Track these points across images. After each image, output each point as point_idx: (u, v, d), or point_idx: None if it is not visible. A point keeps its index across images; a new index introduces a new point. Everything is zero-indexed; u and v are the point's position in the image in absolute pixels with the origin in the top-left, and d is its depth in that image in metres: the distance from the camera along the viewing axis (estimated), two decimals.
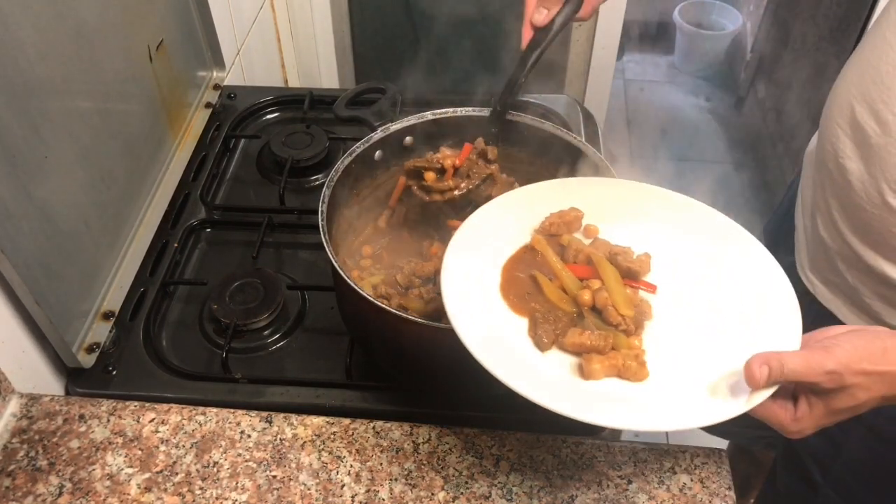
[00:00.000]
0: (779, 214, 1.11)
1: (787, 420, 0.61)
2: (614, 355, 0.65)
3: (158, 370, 0.88)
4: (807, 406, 0.61)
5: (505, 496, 0.75)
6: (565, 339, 0.66)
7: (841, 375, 0.58)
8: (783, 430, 0.62)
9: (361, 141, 0.90)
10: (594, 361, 0.64)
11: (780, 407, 0.62)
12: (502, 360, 0.63)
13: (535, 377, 0.64)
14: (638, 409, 0.63)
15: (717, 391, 0.63)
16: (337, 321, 0.92)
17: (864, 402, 0.59)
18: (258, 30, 1.52)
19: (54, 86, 0.82)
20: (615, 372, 0.65)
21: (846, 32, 1.94)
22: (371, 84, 0.99)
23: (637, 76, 3.07)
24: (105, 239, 0.94)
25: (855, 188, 0.79)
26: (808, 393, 0.61)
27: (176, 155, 1.12)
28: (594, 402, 0.63)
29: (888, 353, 0.59)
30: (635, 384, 0.65)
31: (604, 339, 0.66)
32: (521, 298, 0.71)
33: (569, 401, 0.61)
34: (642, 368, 0.65)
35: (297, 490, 0.75)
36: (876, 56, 0.76)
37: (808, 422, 0.61)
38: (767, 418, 0.62)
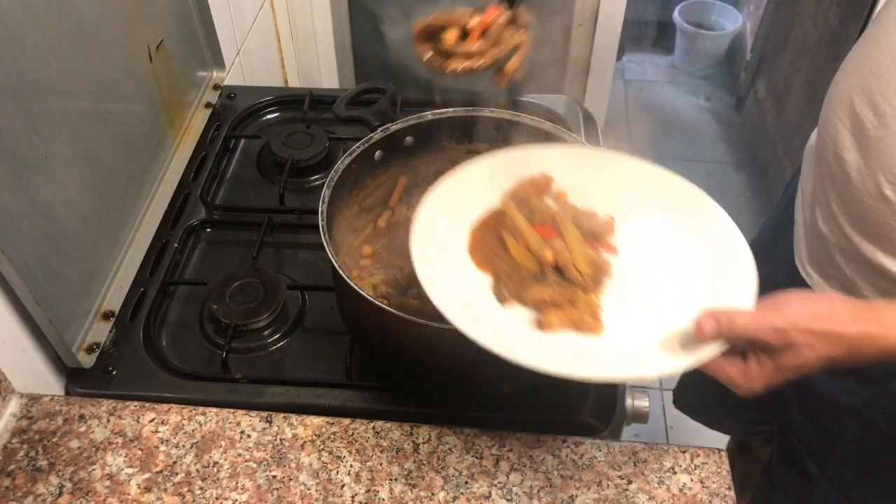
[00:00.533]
0: (778, 209, 1.11)
1: (736, 376, 0.64)
2: (571, 309, 0.69)
3: (158, 370, 0.88)
4: (756, 363, 0.63)
5: (505, 496, 0.75)
6: (526, 294, 0.70)
7: (787, 333, 0.60)
8: (734, 387, 0.64)
9: (361, 141, 0.90)
10: (552, 314, 0.68)
11: (730, 364, 0.64)
12: (465, 314, 0.66)
13: (495, 329, 0.67)
14: (591, 359, 0.66)
15: (669, 346, 0.66)
16: (337, 321, 0.92)
17: (810, 361, 0.61)
18: (258, 30, 1.52)
19: (54, 86, 0.82)
20: (571, 325, 0.68)
21: (846, 32, 1.94)
22: (371, 84, 0.99)
23: (637, 76, 3.07)
24: (105, 239, 0.94)
25: (853, 180, 0.80)
26: (758, 351, 0.63)
27: (176, 155, 1.12)
28: (549, 352, 0.66)
29: (835, 314, 0.61)
30: (591, 337, 0.68)
31: (562, 295, 0.69)
32: (487, 258, 0.74)
33: (525, 351, 0.64)
34: (597, 322, 0.69)
35: (297, 490, 0.75)
36: (876, 49, 0.77)
37: (757, 379, 0.63)
38: (718, 374, 0.65)
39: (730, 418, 1.33)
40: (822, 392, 0.95)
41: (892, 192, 0.75)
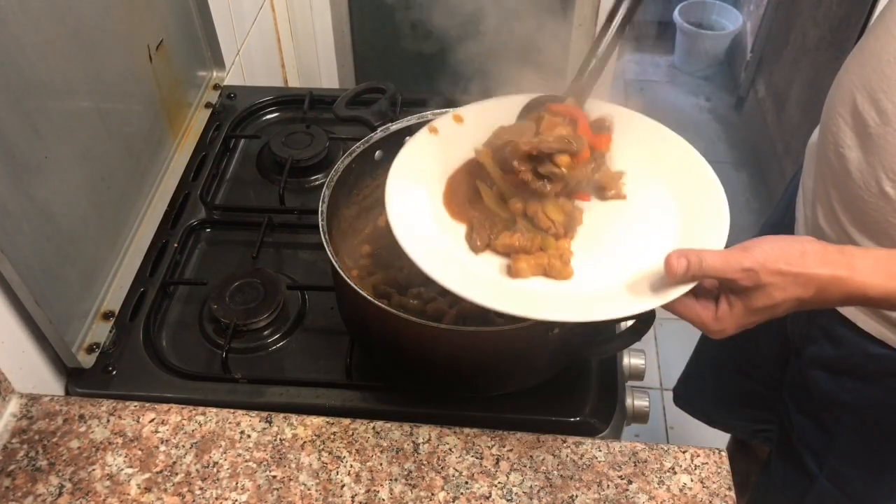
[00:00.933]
0: (780, 208, 1.11)
1: (708, 319, 0.64)
2: (540, 255, 0.70)
3: (158, 370, 0.88)
4: (727, 305, 0.63)
5: (505, 496, 0.75)
6: (497, 242, 0.71)
7: (757, 273, 0.60)
8: (705, 329, 0.65)
9: (361, 141, 0.90)
10: (521, 261, 0.69)
11: (702, 307, 0.64)
12: (437, 262, 0.68)
13: (466, 276, 0.69)
14: (560, 303, 0.68)
15: (639, 288, 0.67)
16: (337, 321, 0.92)
17: (779, 303, 0.61)
18: (258, 30, 1.52)
19: (54, 86, 0.82)
20: (541, 271, 0.70)
21: (846, 32, 1.94)
22: (371, 84, 0.99)
23: (637, 76, 3.07)
24: (105, 239, 0.94)
25: (854, 178, 0.80)
26: (728, 293, 0.63)
27: (176, 155, 1.12)
28: (519, 297, 0.68)
29: (806, 255, 0.61)
30: (561, 283, 0.69)
31: (531, 241, 0.70)
32: (461, 207, 0.76)
33: (496, 296, 0.66)
34: (566, 267, 0.70)
35: (297, 490, 0.75)
36: (879, 46, 0.77)
37: (728, 321, 0.63)
38: (690, 317, 0.65)
39: (730, 416, 1.33)
40: (821, 389, 0.95)
41: (892, 189, 0.75)
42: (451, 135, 0.82)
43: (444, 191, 0.78)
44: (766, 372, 1.14)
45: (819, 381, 0.95)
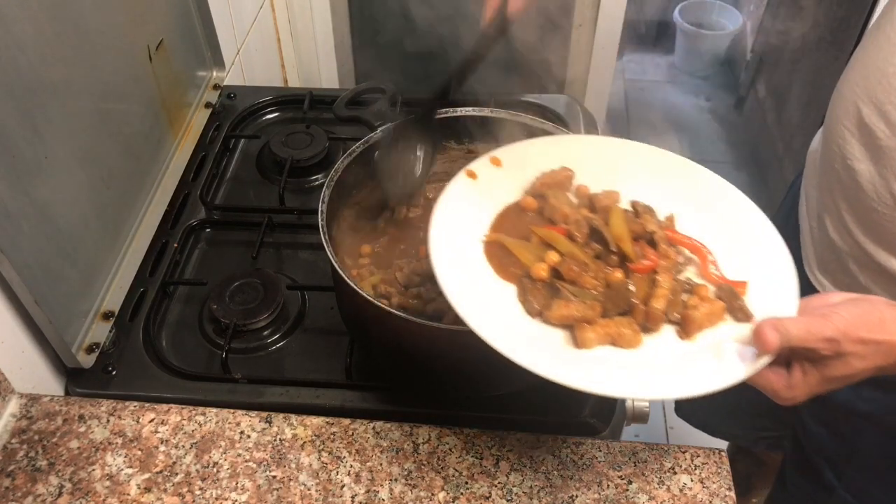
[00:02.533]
0: (780, 215, 1.11)
1: (780, 387, 0.61)
2: (608, 323, 0.64)
3: (158, 370, 0.88)
4: (801, 373, 0.61)
5: (505, 496, 0.75)
6: (551, 313, 0.65)
7: (839, 343, 0.58)
8: (776, 397, 0.62)
9: (361, 141, 0.90)
10: (588, 330, 0.63)
11: (774, 374, 0.61)
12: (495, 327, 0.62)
13: (527, 343, 0.63)
14: (635, 376, 0.62)
15: (714, 357, 0.62)
16: (337, 321, 0.92)
17: (859, 372, 0.60)
18: (258, 30, 1.52)
19: (54, 86, 0.82)
20: (609, 340, 0.64)
21: (846, 32, 1.94)
22: (371, 84, 0.99)
23: (637, 76, 3.07)
24: (105, 239, 0.94)
25: (865, 190, 0.79)
26: (803, 360, 0.61)
27: (176, 155, 1.12)
28: (588, 369, 0.62)
29: (885, 323, 0.59)
30: (630, 351, 0.64)
31: (592, 309, 0.64)
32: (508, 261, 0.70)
33: (564, 369, 0.60)
34: (637, 335, 0.64)
35: (297, 490, 0.75)
36: (882, 58, 0.76)
37: (801, 389, 0.61)
38: (761, 385, 0.62)
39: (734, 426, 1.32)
40: (838, 399, 0.93)
41: None
42: (491, 179, 0.77)
43: (486, 244, 0.72)
44: None
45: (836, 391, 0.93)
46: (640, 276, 0.68)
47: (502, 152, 0.80)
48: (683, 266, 0.70)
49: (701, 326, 0.64)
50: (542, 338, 0.64)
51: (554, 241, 0.70)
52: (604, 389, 0.59)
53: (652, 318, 0.65)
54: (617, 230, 0.70)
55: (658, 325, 0.65)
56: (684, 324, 0.65)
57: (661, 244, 0.70)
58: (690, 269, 0.71)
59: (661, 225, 0.72)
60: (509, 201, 0.76)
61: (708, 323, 0.65)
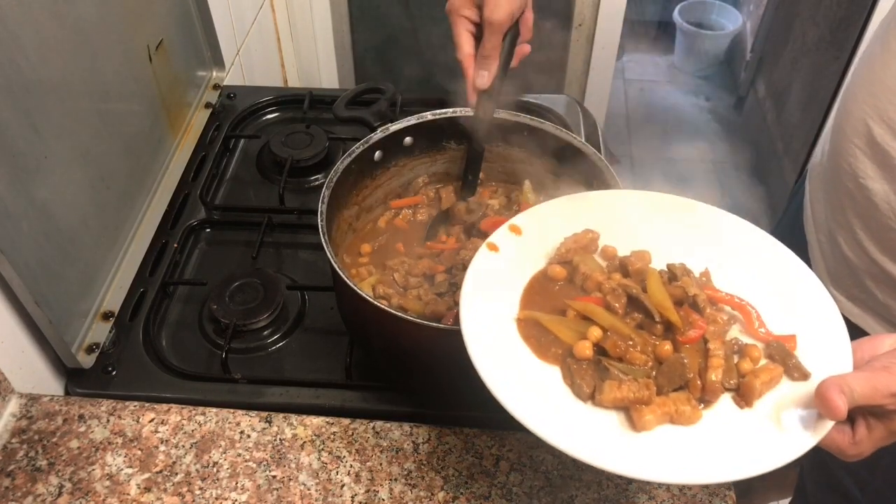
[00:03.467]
0: (783, 227, 1.09)
1: (845, 444, 0.58)
2: (664, 402, 0.60)
3: (158, 370, 0.88)
4: (865, 429, 0.58)
5: (505, 496, 0.75)
6: (603, 397, 0.60)
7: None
8: (841, 455, 0.59)
9: (361, 141, 0.90)
10: (646, 412, 0.59)
11: (838, 432, 0.58)
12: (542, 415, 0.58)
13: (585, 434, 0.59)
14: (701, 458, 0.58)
15: (777, 427, 0.58)
16: (337, 321, 0.92)
17: None
18: (258, 30, 1.52)
19: (54, 86, 0.82)
20: (667, 419, 0.60)
21: (846, 32, 1.94)
22: (371, 84, 0.99)
23: (637, 76, 3.07)
24: (105, 239, 0.94)
25: (880, 209, 0.78)
26: (867, 415, 0.58)
27: (176, 155, 1.12)
28: (646, 453, 0.58)
29: None
30: (688, 428, 0.60)
31: (646, 388, 0.60)
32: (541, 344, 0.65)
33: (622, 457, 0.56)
34: (696, 411, 0.60)
35: (297, 490, 0.75)
36: (890, 75, 0.75)
37: (867, 444, 0.58)
38: (827, 445, 0.59)
39: None
40: None
41: None
42: (513, 250, 0.73)
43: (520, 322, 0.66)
44: None
45: None
46: (690, 345, 0.63)
47: (521, 219, 0.75)
48: (728, 325, 0.66)
49: (760, 393, 0.61)
50: (597, 422, 0.60)
51: (593, 315, 0.65)
52: (673, 478, 0.56)
53: (710, 391, 0.61)
54: (658, 298, 0.65)
55: (716, 397, 0.61)
56: (743, 392, 0.61)
57: (707, 308, 0.65)
58: (735, 328, 0.66)
59: (700, 285, 0.68)
60: (536, 272, 0.71)
61: (767, 388, 0.61)
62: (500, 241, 0.73)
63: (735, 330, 0.66)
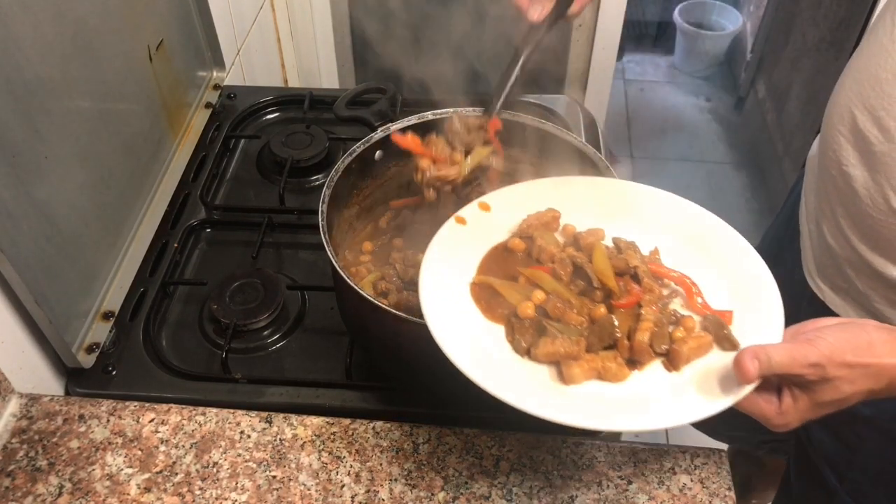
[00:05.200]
0: (781, 219, 1.11)
1: (771, 413, 0.61)
2: (593, 358, 0.65)
3: (158, 370, 0.88)
4: (791, 399, 0.61)
5: (505, 496, 0.75)
6: (537, 350, 0.66)
7: (824, 368, 0.58)
8: (768, 424, 0.62)
9: (361, 141, 0.90)
10: (574, 366, 0.64)
11: (764, 401, 0.61)
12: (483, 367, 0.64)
13: (515, 382, 0.64)
14: (622, 408, 0.63)
15: (701, 386, 0.63)
16: (337, 321, 0.92)
17: (849, 396, 0.59)
18: (258, 30, 1.52)
19: (54, 86, 0.82)
20: (595, 374, 0.65)
21: (846, 33, 1.94)
22: (371, 84, 0.99)
23: (637, 76, 3.07)
24: (105, 239, 0.94)
25: (860, 195, 0.79)
26: (793, 386, 0.61)
27: (176, 155, 1.12)
28: (577, 404, 0.63)
29: (873, 346, 0.58)
30: (617, 385, 0.65)
31: (576, 344, 0.65)
32: (495, 302, 0.71)
33: (553, 405, 0.61)
34: (622, 369, 0.65)
35: (297, 490, 0.75)
36: (874, 63, 0.76)
37: (792, 415, 0.61)
38: (752, 412, 0.62)
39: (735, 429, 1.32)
40: None
41: None
42: (480, 224, 0.78)
43: (474, 286, 0.73)
44: None
45: None
46: (625, 310, 0.68)
47: (491, 197, 0.81)
48: (669, 298, 0.71)
49: (688, 359, 0.65)
50: (531, 376, 0.65)
51: (540, 281, 0.71)
52: (590, 423, 0.60)
53: (637, 351, 0.65)
54: (600, 266, 0.71)
55: (645, 359, 0.66)
56: (671, 356, 0.65)
57: (645, 278, 0.70)
58: (677, 301, 0.71)
59: (644, 259, 0.73)
60: (497, 243, 0.77)
61: (695, 355, 0.65)
62: (468, 215, 0.79)
63: (677, 303, 0.71)
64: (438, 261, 0.73)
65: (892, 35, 0.74)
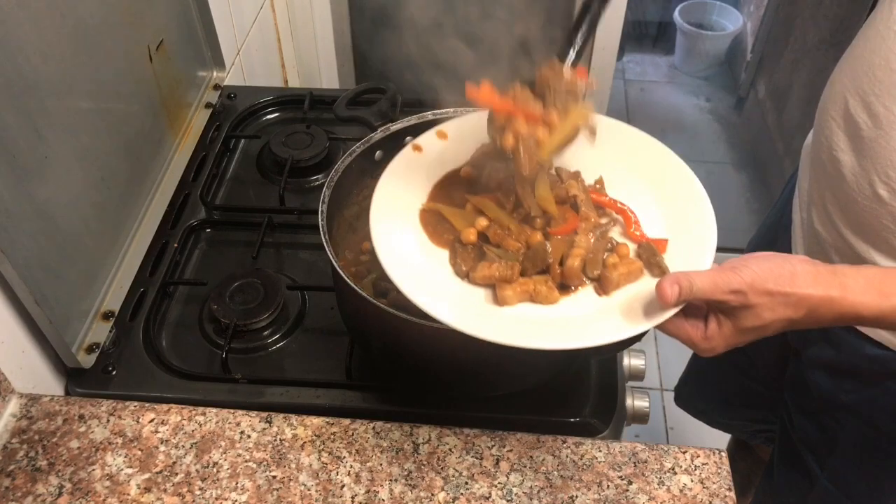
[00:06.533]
0: (776, 209, 1.11)
1: (697, 338, 0.64)
2: (525, 282, 0.68)
3: (158, 370, 0.88)
4: (716, 325, 0.63)
5: (505, 497, 0.75)
6: (475, 274, 0.69)
7: (745, 295, 0.60)
8: (695, 348, 0.64)
9: (361, 141, 0.90)
10: (506, 289, 0.67)
11: (691, 326, 0.64)
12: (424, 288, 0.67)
13: (454, 304, 0.67)
14: (550, 329, 0.66)
15: (628, 311, 0.65)
16: (337, 321, 0.92)
17: (769, 323, 0.61)
18: (258, 30, 1.52)
19: (54, 86, 0.82)
20: (527, 297, 0.68)
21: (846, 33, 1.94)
22: (371, 84, 0.99)
23: (637, 76, 3.07)
24: (105, 239, 0.94)
25: (847, 181, 0.80)
26: (717, 312, 0.63)
27: (176, 155, 1.12)
28: (508, 325, 0.66)
29: (796, 276, 0.60)
30: (548, 308, 0.68)
31: (511, 269, 0.68)
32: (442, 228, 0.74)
33: (485, 326, 0.64)
34: (552, 292, 0.68)
35: (297, 490, 0.75)
36: (869, 50, 0.77)
37: (717, 340, 0.63)
38: (679, 336, 0.64)
39: (730, 416, 1.33)
40: (821, 390, 0.95)
41: (886, 192, 0.76)
42: (436, 152, 0.81)
43: (423, 212, 0.76)
44: (766, 372, 1.14)
45: (819, 382, 0.95)
46: (560, 237, 0.72)
47: (449, 125, 0.83)
48: (608, 227, 0.74)
49: (618, 284, 0.68)
50: (469, 298, 0.69)
51: (484, 208, 0.74)
52: (516, 342, 0.62)
53: (567, 276, 0.69)
54: (541, 194, 0.73)
55: (576, 283, 0.69)
56: (602, 281, 0.69)
57: (583, 207, 0.74)
58: (616, 230, 0.74)
59: (586, 189, 0.76)
60: (450, 171, 0.80)
61: (625, 281, 0.68)
62: (426, 142, 0.81)
63: (615, 232, 0.74)
64: (392, 185, 0.76)
65: (888, 22, 0.75)
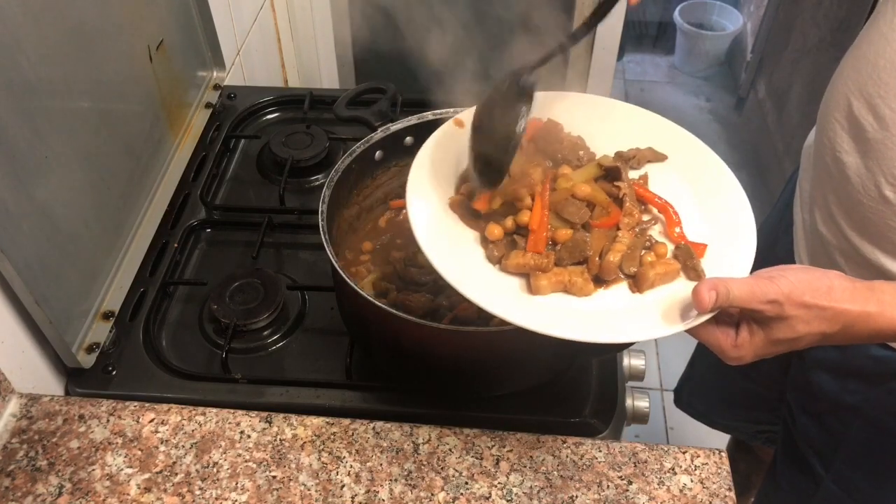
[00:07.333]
0: (777, 209, 1.11)
1: (727, 345, 0.63)
2: (560, 272, 0.68)
3: (158, 370, 0.88)
4: (747, 333, 0.62)
5: (505, 497, 0.75)
6: (507, 262, 0.68)
7: (782, 305, 0.59)
8: (723, 356, 0.64)
9: (361, 141, 0.90)
10: (541, 278, 0.67)
11: (722, 332, 0.63)
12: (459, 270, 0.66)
13: (487, 287, 0.67)
14: (582, 321, 0.65)
15: (661, 309, 0.65)
16: (337, 321, 0.92)
17: (802, 336, 0.60)
18: (258, 30, 1.52)
19: (54, 86, 0.82)
20: (561, 288, 0.68)
21: (847, 33, 1.94)
22: (371, 84, 0.99)
23: (637, 76, 3.07)
24: (105, 239, 0.94)
25: (852, 182, 0.80)
26: (750, 321, 0.62)
27: (176, 155, 1.12)
28: (541, 312, 0.66)
29: (833, 290, 0.60)
30: (582, 300, 0.67)
31: (546, 258, 0.68)
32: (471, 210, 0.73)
33: (518, 311, 0.64)
34: (588, 284, 0.67)
35: (297, 490, 0.75)
36: (873, 51, 0.77)
37: (747, 349, 0.62)
38: (709, 342, 0.64)
39: (730, 417, 1.33)
40: (825, 391, 0.94)
41: (892, 193, 0.75)
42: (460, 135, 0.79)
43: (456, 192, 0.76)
44: (767, 373, 1.14)
45: (823, 384, 0.94)
46: (601, 230, 0.71)
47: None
48: (649, 225, 0.73)
49: (653, 283, 0.68)
50: (501, 284, 0.68)
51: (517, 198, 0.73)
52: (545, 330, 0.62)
53: (605, 270, 0.68)
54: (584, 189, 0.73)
55: (612, 278, 0.68)
56: (637, 279, 0.68)
57: (628, 202, 0.73)
58: (656, 228, 0.73)
59: (631, 183, 0.75)
60: None
61: (660, 280, 0.68)
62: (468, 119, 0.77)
63: (656, 230, 0.73)
64: (429, 163, 0.75)
65: (891, 23, 0.75)
